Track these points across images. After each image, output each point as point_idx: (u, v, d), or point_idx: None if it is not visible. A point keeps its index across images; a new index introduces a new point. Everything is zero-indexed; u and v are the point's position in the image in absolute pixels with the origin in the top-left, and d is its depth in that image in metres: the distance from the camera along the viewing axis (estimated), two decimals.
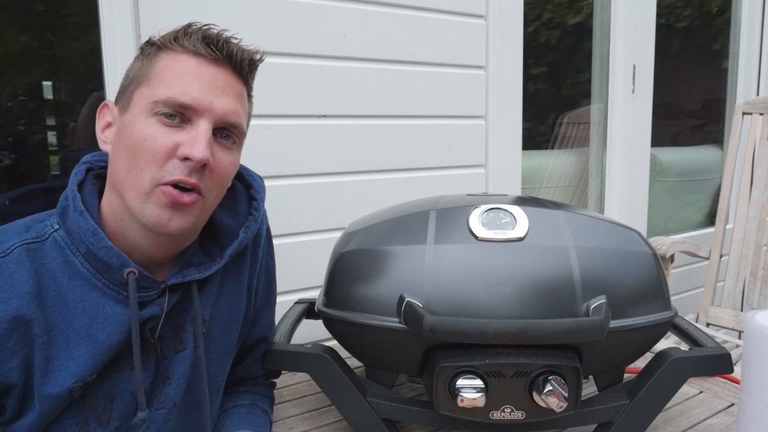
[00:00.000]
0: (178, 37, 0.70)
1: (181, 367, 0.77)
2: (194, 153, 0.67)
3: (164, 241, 0.73)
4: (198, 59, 0.70)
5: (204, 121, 0.69)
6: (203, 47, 0.70)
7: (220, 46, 0.70)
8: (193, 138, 0.68)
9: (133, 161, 0.68)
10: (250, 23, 1.24)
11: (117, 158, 0.70)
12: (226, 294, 0.82)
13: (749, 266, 1.86)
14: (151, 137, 0.67)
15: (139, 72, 0.71)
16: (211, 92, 0.69)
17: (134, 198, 0.68)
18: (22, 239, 0.67)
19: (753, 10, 2.52)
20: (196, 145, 0.67)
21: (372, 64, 1.42)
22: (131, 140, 0.68)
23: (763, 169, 1.87)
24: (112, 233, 0.71)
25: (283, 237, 1.33)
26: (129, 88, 0.71)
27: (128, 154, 0.68)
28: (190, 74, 0.69)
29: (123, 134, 0.69)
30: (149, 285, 0.72)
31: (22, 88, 1.17)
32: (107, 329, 0.69)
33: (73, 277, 0.69)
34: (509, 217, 0.84)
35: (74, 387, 0.68)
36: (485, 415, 0.76)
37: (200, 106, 0.68)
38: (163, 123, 0.68)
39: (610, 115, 2.10)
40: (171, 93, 0.68)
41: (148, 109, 0.68)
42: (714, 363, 0.85)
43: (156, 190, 0.67)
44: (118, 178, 0.69)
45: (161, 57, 0.70)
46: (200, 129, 0.68)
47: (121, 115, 0.71)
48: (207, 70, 0.70)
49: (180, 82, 0.68)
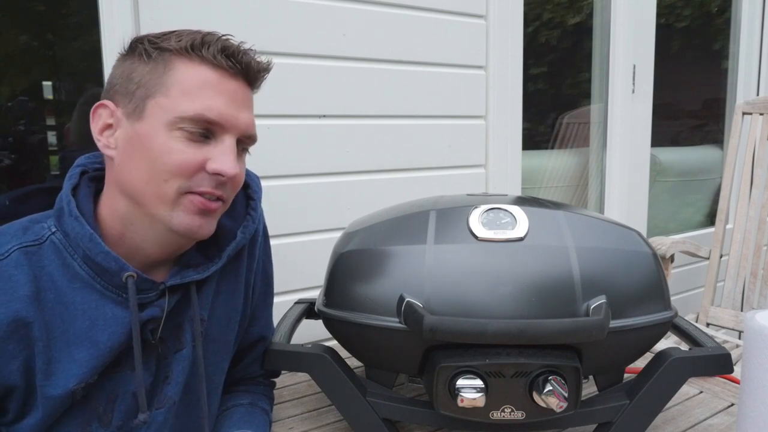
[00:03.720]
0: (195, 46, 0.69)
1: (180, 367, 0.77)
2: (226, 170, 0.69)
3: (173, 243, 0.73)
4: (218, 72, 0.69)
5: (230, 137, 0.70)
6: (224, 59, 0.69)
7: (240, 58, 0.71)
8: (221, 153, 0.69)
9: (154, 172, 0.68)
10: (250, 23, 1.24)
11: (131, 167, 0.69)
12: (224, 293, 0.82)
13: (749, 266, 1.86)
14: (178, 151, 0.67)
15: (150, 78, 0.68)
16: (234, 107, 0.70)
17: (157, 206, 0.69)
18: (20, 242, 0.67)
19: (753, 10, 2.52)
20: (227, 161, 0.69)
21: (372, 64, 1.42)
22: (154, 153, 0.67)
23: (763, 169, 1.87)
24: (111, 236, 0.71)
25: (283, 237, 1.33)
26: (138, 94, 0.68)
27: (149, 165, 0.68)
28: (214, 88, 0.69)
29: (140, 145, 0.68)
30: (148, 287, 0.72)
31: (21, 87, 1.17)
32: (108, 331, 0.69)
33: (72, 280, 0.69)
34: (509, 217, 0.84)
35: (76, 389, 0.68)
36: (485, 415, 0.76)
37: (227, 123, 0.69)
38: (189, 138, 0.68)
39: (610, 115, 2.10)
40: (197, 108, 0.67)
41: (171, 123, 0.67)
42: (714, 363, 0.85)
43: (183, 199, 0.69)
44: (132, 186, 0.69)
45: (176, 65, 0.68)
46: (227, 144, 0.70)
47: (131, 121, 0.69)
48: (229, 84, 0.70)
49: (204, 96, 0.68)
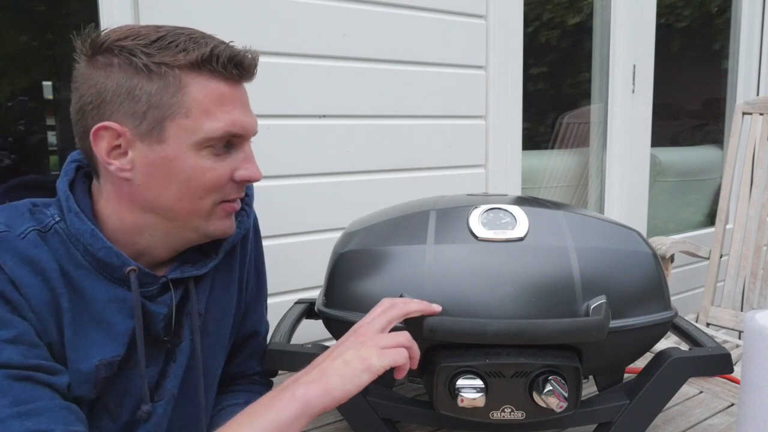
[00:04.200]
0: (205, 60, 0.67)
1: (178, 360, 0.79)
2: (254, 175, 0.73)
3: (185, 245, 0.77)
4: (228, 83, 0.70)
5: (247, 142, 0.74)
6: (234, 69, 0.70)
7: (247, 65, 0.71)
8: (244, 160, 0.73)
9: (188, 192, 0.70)
10: (250, 23, 1.24)
11: (159, 189, 0.70)
12: (218, 288, 0.84)
13: (749, 266, 1.86)
14: (210, 170, 0.70)
15: (162, 98, 0.66)
16: (248, 114, 0.73)
17: (191, 219, 0.72)
18: (33, 225, 0.68)
19: (753, 10, 2.52)
20: (252, 167, 0.73)
21: (372, 64, 1.42)
22: (186, 174, 0.69)
23: (763, 169, 1.87)
24: (110, 232, 0.72)
25: (283, 237, 1.33)
26: (151, 115, 0.67)
27: (181, 186, 0.70)
28: (231, 102, 0.70)
29: (168, 167, 0.69)
30: (150, 281, 0.74)
31: (21, 87, 1.17)
32: (121, 313, 0.72)
33: (78, 267, 0.70)
34: (509, 217, 0.84)
35: (100, 364, 0.70)
36: (485, 415, 0.76)
37: (247, 132, 0.73)
38: (215, 154, 0.70)
39: (610, 115, 2.10)
40: (223, 127, 0.69)
41: (198, 144, 0.69)
42: (714, 363, 0.85)
43: (217, 209, 0.73)
44: (161, 206, 0.71)
45: (189, 83, 0.67)
46: (247, 150, 0.74)
47: (149, 144, 0.68)
48: (239, 92, 0.72)
49: (224, 112, 0.69)
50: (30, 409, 0.56)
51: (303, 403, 0.58)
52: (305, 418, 0.58)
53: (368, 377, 0.62)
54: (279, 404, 0.58)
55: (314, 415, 0.58)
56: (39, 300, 0.65)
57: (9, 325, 0.61)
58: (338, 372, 0.61)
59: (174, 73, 0.67)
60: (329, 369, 0.61)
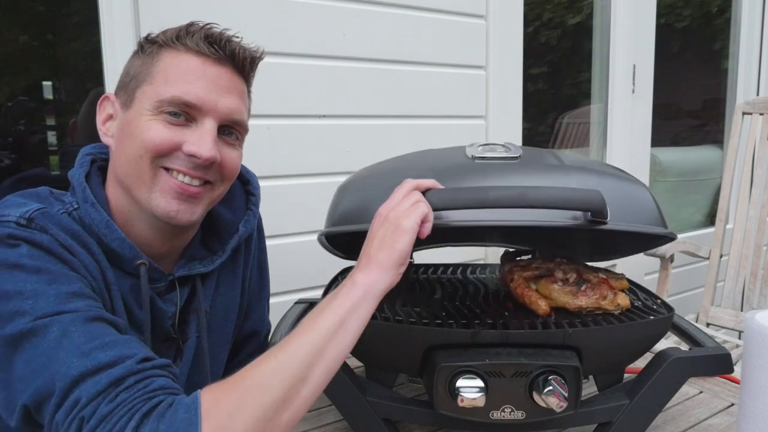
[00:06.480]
0: (180, 36, 0.71)
1: (185, 357, 0.80)
2: (201, 151, 0.69)
3: (169, 232, 0.75)
4: (201, 58, 0.71)
5: (209, 120, 0.71)
6: (206, 47, 0.70)
7: (223, 45, 0.71)
8: (199, 137, 0.70)
9: (132, 149, 0.70)
10: (250, 23, 1.24)
11: (120, 152, 0.71)
12: (223, 287, 0.85)
13: (749, 266, 1.86)
14: (155, 130, 0.69)
15: (141, 69, 0.71)
16: (216, 92, 0.71)
17: (140, 188, 0.70)
18: (61, 207, 0.69)
19: (753, 10, 2.52)
20: (203, 143, 0.69)
21: (372, 64, 1.42)
22: (135, 135, 0.69)
23: (763, 169, 1.87)
24: (121, 225, 0.73)
25: (283, 237, 1.33)
26: (130, 85, 0.72)
27: (131, 147, 0.70)
28: (194, 73, 0.70)
29: (126, 130, 0.71)
30: (158, 277, 0.75)
31: (21, 87, 1.17)
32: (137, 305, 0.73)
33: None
34: (504, 148, 0.87)
35: None
36: (485, 415, 0.76)
37: (205, 106, 0.70)
38: (168, 121, 0.69)
39: (610, 115, 2.10)
40: (176, 92, 0.69)
41: (152, 108, 0.69)
42: (714, 363, 0.85)
43: (159, 178, 0.70)
44: (122, 171, 0.71)
45: (163, 55, 0.71)
46: (206, 128, 0.70)
47: (124, 111, 0.72)
48: (211, 70, 0.71)
49: (184, 81, 0.69)
50: (109, 341, 0.58)
51: (365, 285, 0.62)
52: (370, 299, 0.62)
53: (407, 239, 0.64)
54: (342, 292, 0.62)
55: (379, 296, 0.63)
56: (91, 267, 0.66)
57: (71, 280, 0.63)
58: (380, 249, 0.64)
59: (154, 49, 0.72)
60: (371, 252, 0.65)
